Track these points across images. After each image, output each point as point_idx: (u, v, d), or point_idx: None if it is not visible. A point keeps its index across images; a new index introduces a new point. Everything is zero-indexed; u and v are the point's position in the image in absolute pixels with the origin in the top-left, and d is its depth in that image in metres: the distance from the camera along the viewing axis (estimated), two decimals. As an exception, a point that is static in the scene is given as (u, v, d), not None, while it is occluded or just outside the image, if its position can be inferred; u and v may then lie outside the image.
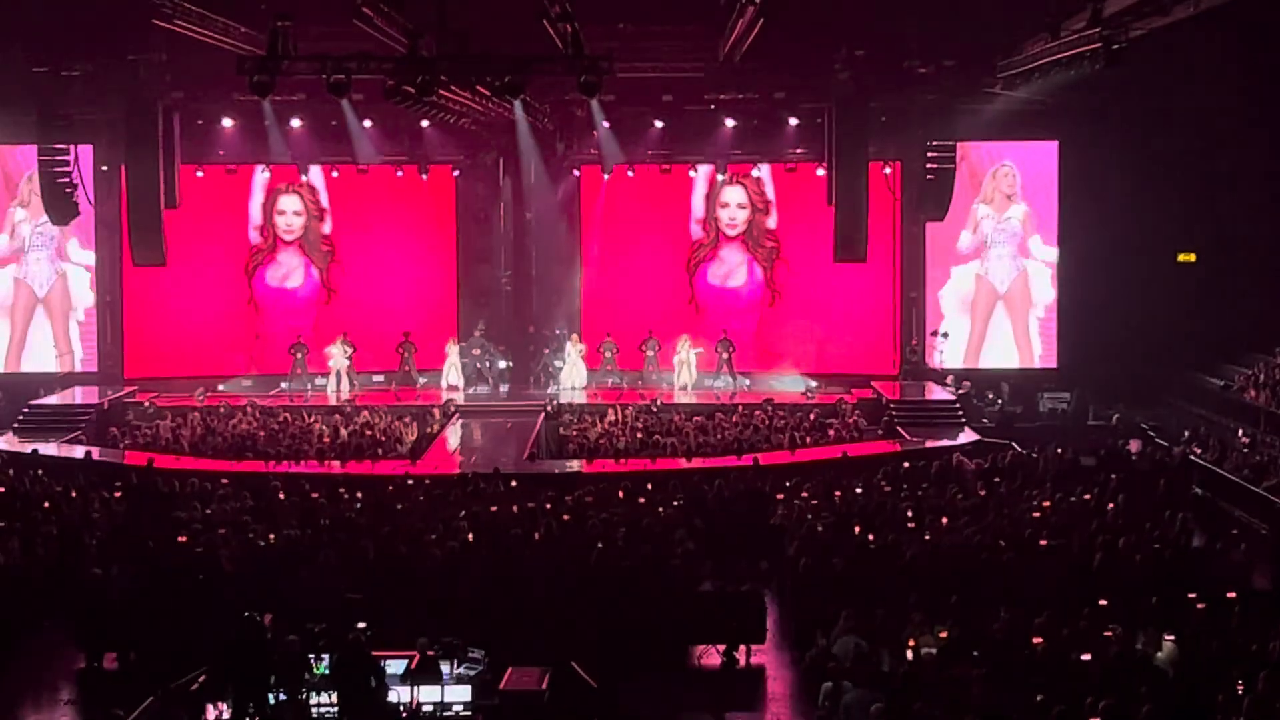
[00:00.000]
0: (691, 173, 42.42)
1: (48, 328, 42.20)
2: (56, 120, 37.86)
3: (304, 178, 42.38)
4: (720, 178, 42.31)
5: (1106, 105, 37.63)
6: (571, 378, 40.90)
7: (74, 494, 27.96)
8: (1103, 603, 19.61)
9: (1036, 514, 25.54)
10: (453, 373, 41.00)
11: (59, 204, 38.85)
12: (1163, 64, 33.43)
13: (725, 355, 41.17)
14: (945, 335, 41.50)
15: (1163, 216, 40.27)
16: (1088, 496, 26.98)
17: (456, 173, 42.66)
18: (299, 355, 41.04)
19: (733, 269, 43.13)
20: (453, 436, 36.29)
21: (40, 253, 41.98)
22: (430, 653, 17.86)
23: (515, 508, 25.87)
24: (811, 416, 36.23)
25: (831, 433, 35.11)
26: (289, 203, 42.89)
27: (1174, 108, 38.23)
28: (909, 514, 25.37)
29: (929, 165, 38.80)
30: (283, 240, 43.02)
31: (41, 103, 37.59)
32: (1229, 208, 39.94)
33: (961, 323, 42.22)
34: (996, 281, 42.30)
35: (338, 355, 40.61)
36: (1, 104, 37.94)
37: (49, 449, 33.43)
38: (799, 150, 41.32)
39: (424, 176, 42.38)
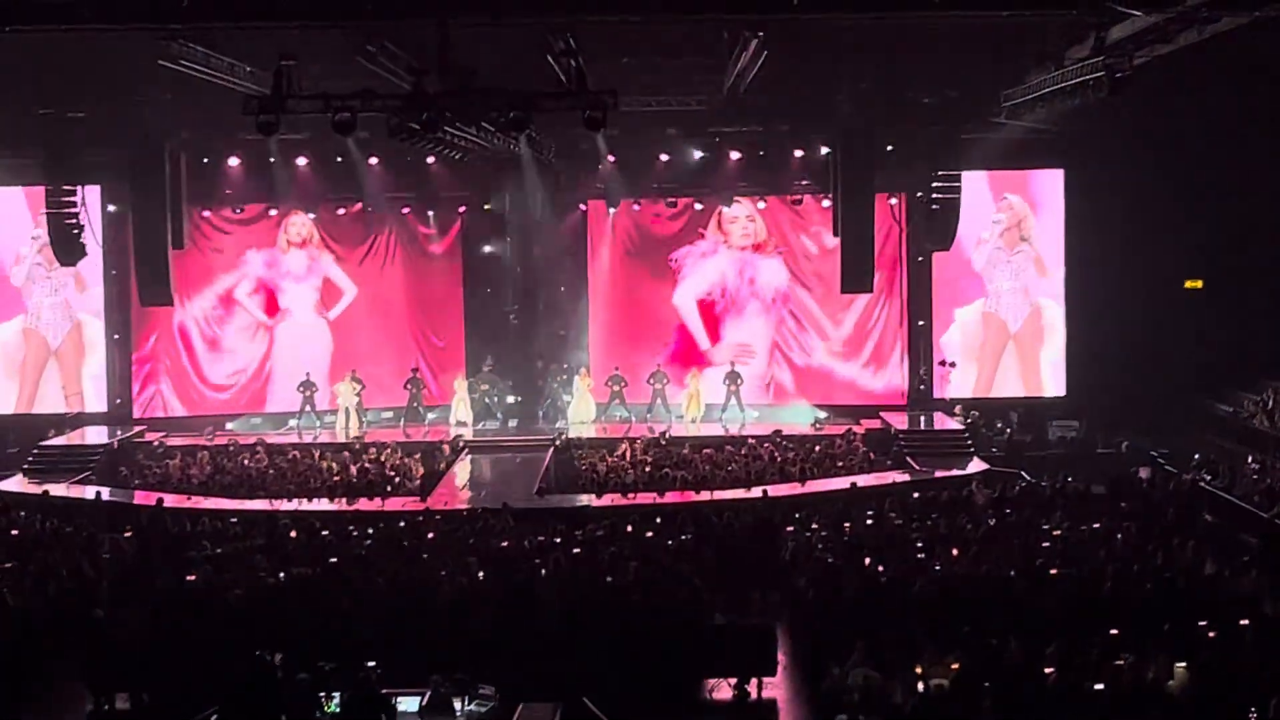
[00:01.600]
0: (698, 206, 42.42)
1: (59, 374, 42.23)
2: (63, 161, 37.98)
3: (310, 216, 42.43)
4: (725, 209, 42.29)
5: (1112, 133, 37.61)
6: (579, 412, 40.92)
7: (84, 534, 27.96)
8: (1114, 631, 19.57)
9: (1047, 543, 25.51)
10: (461, 408, 41.04)
11: (66, 245, 38.94)
12: (1168, 90, 33.42)
13: (733, 388, 41.19)
14: (953, 365, 41.45)
15: (1169, 243, 40.25)
16: (1098, 525, 26.93)
17: (462, 209, 42.74)
18: (307, 393, 41.11)
19: (739, 302, 43.06)
20: (461, 472, 36.31)
21: (52, 299, 42.03)
22: (442, 690, 17.84)
23: (525, 543, 25.90)
24: (818, 448, 36.20)
25: (840, 464, 35.07)
26: (296, 242, 42.87)
27: (1179, 134, 38.22)
28: (919, 544, 25.34)
29: (934, 196, 38.84)
30: (290, 278, 43.00)
31: (48, 144, 37.70)
32: (1236, 234, 39.92)
33: (969, 368, 42.16)
34: (1009, 320, 42.28)
35: (346, 393, 40.70)
36: (8, 146, 38.05)
37: (59, 490, 33.44)
38: (804, 182, 41.39)
39: (430, 213, 42.54)
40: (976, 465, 35.04)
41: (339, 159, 39.77)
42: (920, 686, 18.21)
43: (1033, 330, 42.11)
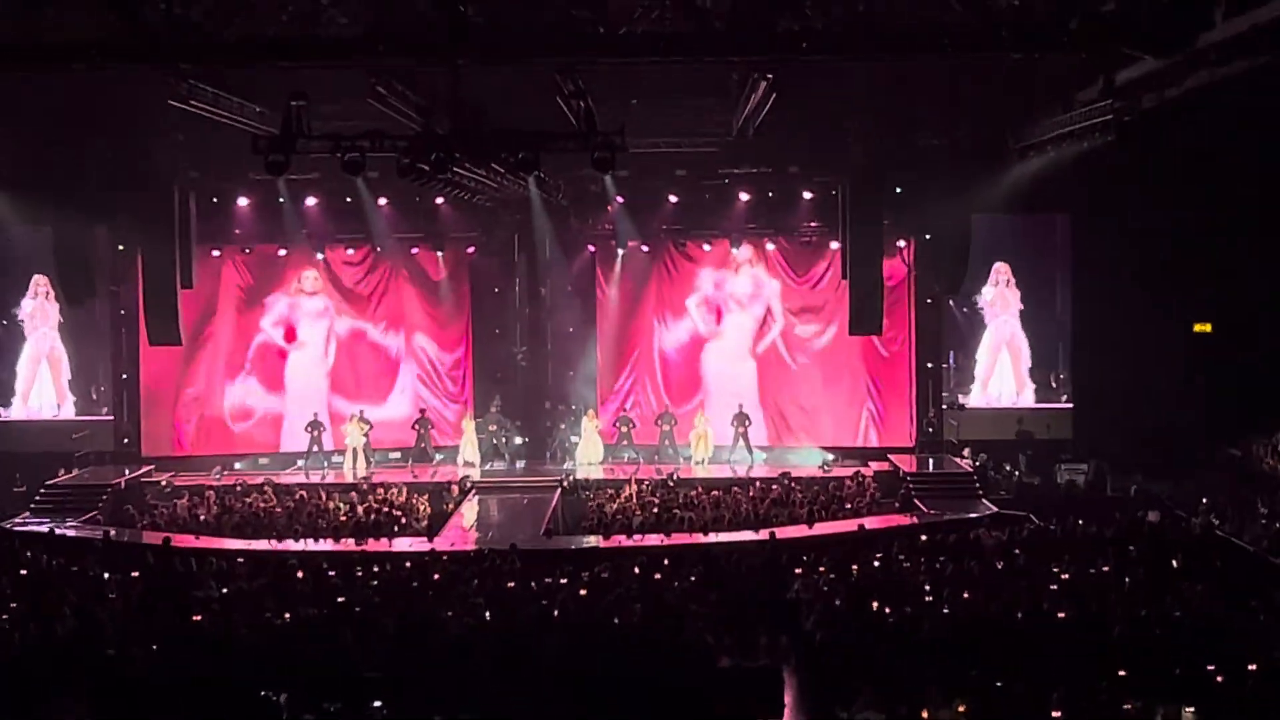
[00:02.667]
0: (706, 247, 42.47)
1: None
2: (72, 201, 37.99)
3: (319, 256, 42.46)
4: (734, 251, 42.28)
5: (1120, 175, 37.55)
6: (587, 453, 40.88)
7: (91, 574, 27.92)
8: (1122, 674, 19.51)
9: (1055, 586, 25.42)
10: (469, 449, 41.03)
11: (75, 285, 38.99)
12: (1177, 133, 33.44)
13: (741, 429, 41.15)
14: (962, 408, 41.45)
15: (1178, 287, 40.21)
16: (1106, 568, 26.86)
17: (471, 249, 42.80)
18: (315, 433, 41.12)
19: (748, 342, 43.03)
20: (469, 513, 36.26)
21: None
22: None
23: (532, 584, 25.84)
24: (826, 490, 36.13)
25: (849, 506, 35.01)
26: (305, 282, 42.92)
27: (1188, 177, 38.19)
28: (926, 587, 25.25)
29: (943, 239, 38.85)
30: (298, 318, 43.07)
31: (57, 183, 37.72)
32: (1245, 277, 39.88)
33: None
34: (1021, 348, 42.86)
35: (354, 433, 40.69)
36: (18, 185, 38.07)
37: (66, 529, 33.42)
38: (814, 224, 41.40)
39: (439, 253, 42.55)
40: (985, 508, 34.95)
41: (348, 199, 39.89)
42: (927, 730, 18.16)
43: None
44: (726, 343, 43.11)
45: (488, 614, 23.72)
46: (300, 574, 27.12)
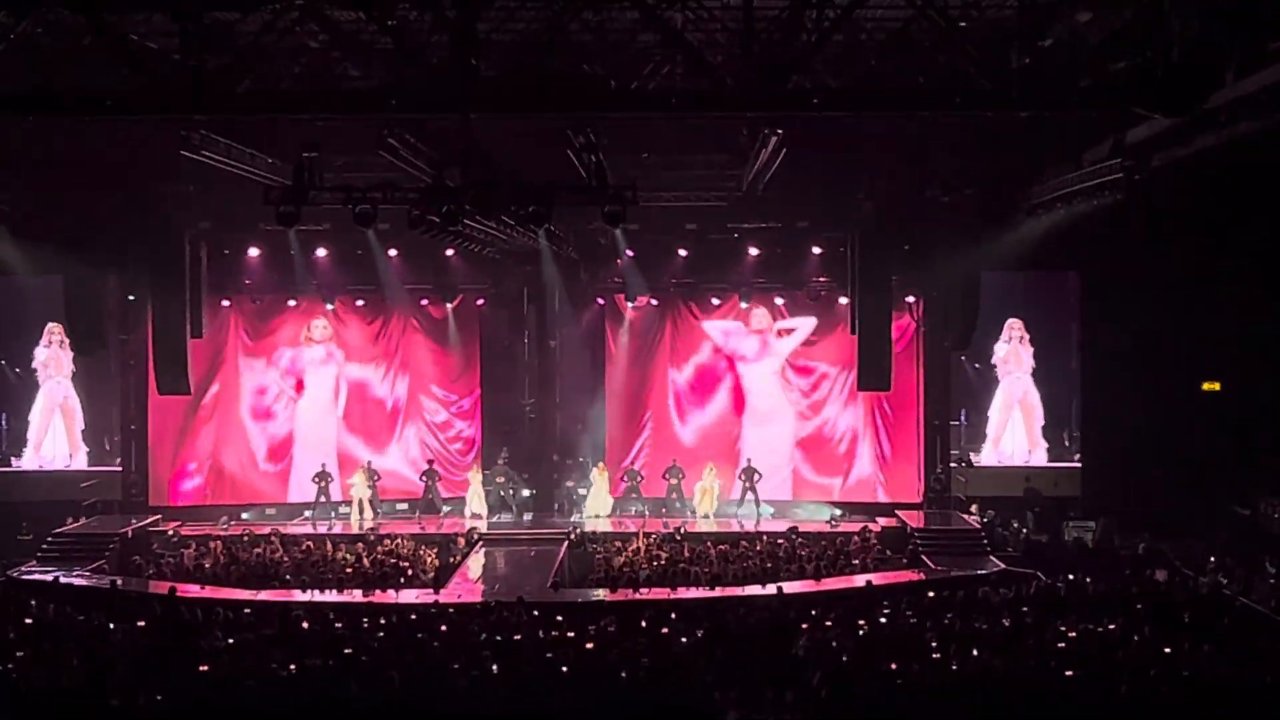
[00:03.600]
0: (715, 301, 42.52)
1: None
2: (83, 250, 38.07)
3: (329, 306, 42.51)
4: (743, 305, 42.30)
5: (1129, 234, 37.59)
6: (595, 506, 40.83)
7: (97, 623, 27.89)
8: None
9: (1062, 644, 25.35)
10: (476, 500, 41.00)
11: (85, 334, 39.09)
12: (1186, 192, 33.46)
13: (749, 483, 41.11)
14: (969, 464, 41.43)
15: (1187, 345, 40.19)
16: (1114, 626, 26.79)
17: (481, 301, 42.85)
18: (322, 484, 41.14)
19: (755, 397, 43.05)
20: (476, 565, 36.20)
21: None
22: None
23: (539, 635, 25.80)
24: (834, 545, 36.08)
25: (856, 561, 34.95)
26: (314, 331, 42.95)
27: (1197, 235, 38.19)
28: (933, 644, 25.20)
29: (951, 295, 38.90)
30: (307, 368, 43.12)
31: (68, 232, 37.79)
32: (1253, 335, 39.83)
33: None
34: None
35: (361, 484, 40.67)
36: (29, 234, 38.15)
37: (73, 578, 33.40)
38: (823, 279, 41.42)
39: (449, 305, 42.60)
40: (993, 565, 34.88)
41: (358, 250, 39.96)
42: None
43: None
44: (734, 397, 43.11)
45: (494, 666, 23.68)
46: (306, 625, 27.09)
